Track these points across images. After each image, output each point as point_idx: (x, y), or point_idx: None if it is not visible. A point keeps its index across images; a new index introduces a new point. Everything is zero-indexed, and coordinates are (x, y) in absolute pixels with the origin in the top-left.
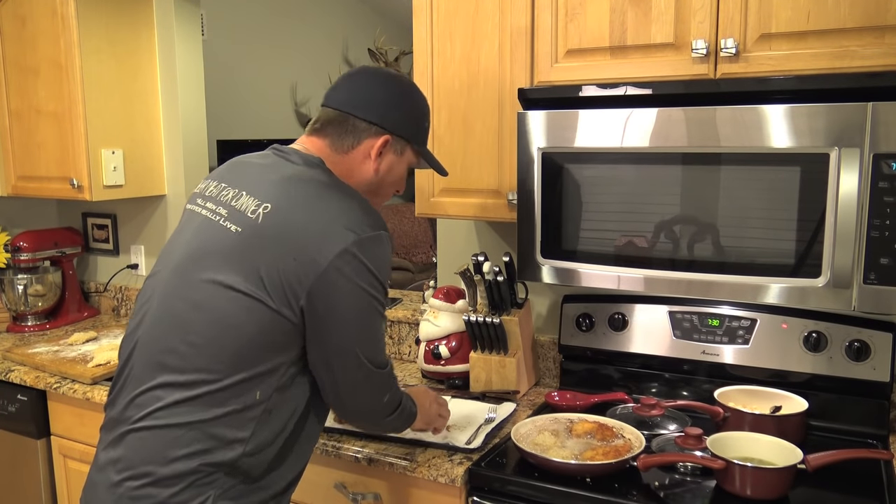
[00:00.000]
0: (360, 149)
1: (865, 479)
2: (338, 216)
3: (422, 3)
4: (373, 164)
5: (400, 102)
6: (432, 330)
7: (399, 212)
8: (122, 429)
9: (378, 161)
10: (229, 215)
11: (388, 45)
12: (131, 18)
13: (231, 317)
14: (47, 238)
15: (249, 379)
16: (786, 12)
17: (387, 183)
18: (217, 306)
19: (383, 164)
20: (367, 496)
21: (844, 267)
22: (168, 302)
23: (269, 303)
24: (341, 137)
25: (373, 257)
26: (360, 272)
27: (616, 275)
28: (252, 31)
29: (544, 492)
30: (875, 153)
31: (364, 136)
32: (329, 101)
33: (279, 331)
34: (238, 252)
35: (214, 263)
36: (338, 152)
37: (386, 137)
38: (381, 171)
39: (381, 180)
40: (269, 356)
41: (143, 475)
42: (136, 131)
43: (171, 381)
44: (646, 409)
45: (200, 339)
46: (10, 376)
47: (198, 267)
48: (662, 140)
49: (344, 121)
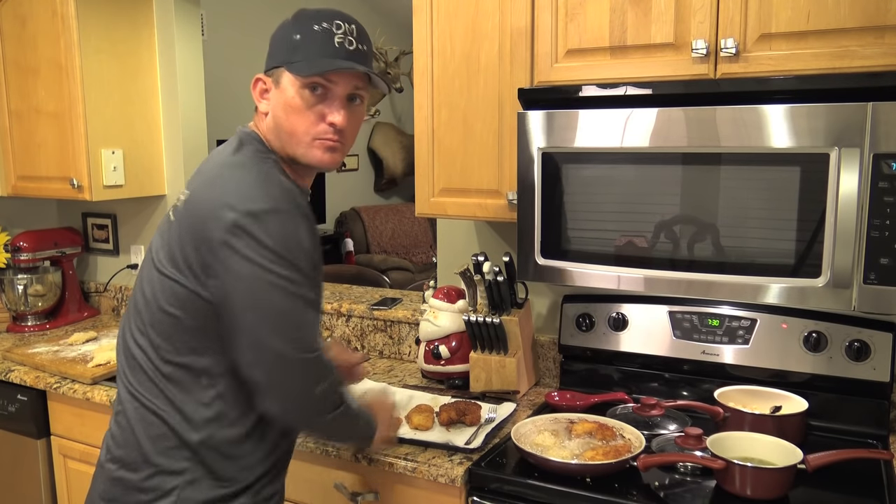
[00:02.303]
0: (257, 102)
1: (865, 479)
2: (230, 191)
3: (422, 3)
4: (262, 111)
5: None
6: (432, 330)
7: (399, 212)
8: (112, 415)
9: (260, 102)
10: (174, 208)
11: (388, 45)
12: (131, 18)
13: (164, 301)
14: (47, 238)
15: (196, 363)
16: (786, 12)
17: (284, 119)
18: (154, 292)
19: (272, 106)
20: (366, 496)
21: (844, 267)
22: (133, 295)
23: (186, 283)
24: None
25: (269, 231)
26: (252, 246)
27: (616, 275)
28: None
29: (544, 492)
30: (875, 153)
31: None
32: None
33: (203, 313)
34: (167, 239)
35: (157, 254)
36: (256, 113)
37: (256, 78)
38: (272, 110)
39: (277, 118)
40: (205, 340)
41: (118, 459)
42: (136, 131)
43: (135, 367)
44: (646, 409)
45: (150, 325)
46: (10, 376)
47: (149, 259)
48: (662, 140)
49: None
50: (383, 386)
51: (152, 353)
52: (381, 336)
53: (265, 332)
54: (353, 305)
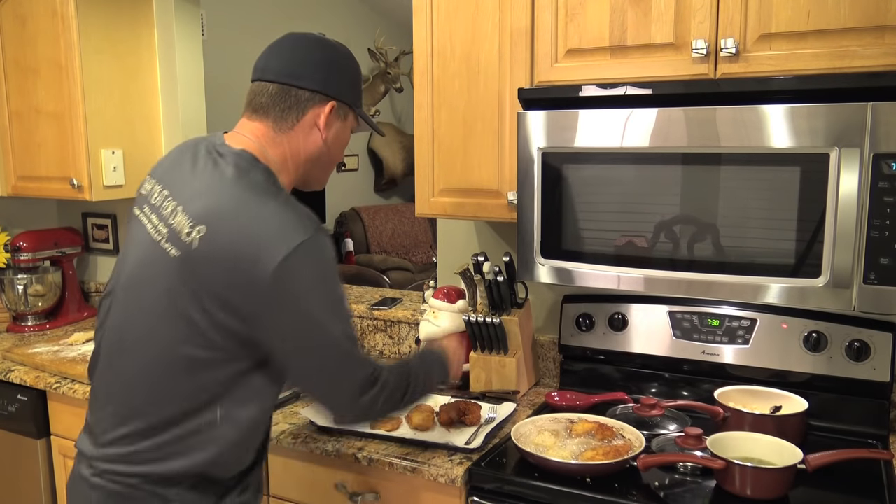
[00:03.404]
0: (305, 120)
1: (865, 479)
2: (271, 227)
3: (422, 3)
4: (321, 134)
5: (339, 66)
6: (432, 330)
7: (399, 212)
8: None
9: (326, 130)
10: (169, 236)
11: (388, 45)
12: (131, 18)
13: (164, 347)
14: (47, 238)
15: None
16: (786, 12)
17: (333, 152)
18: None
19: (331, 133)
20: (366, 496)
21: (844, 267)
22: (109, 335)
23: (222, 323)
24: (284, 114)
25: (319, 258)
26: (311, 277)
27: (616, 275)
28: (252, 31)
29: (544, 492)
30: (875, 153)
31: (308, 105)
32: (265, 75)
33: (209, 354)
34: (176, 278)
35: (155, 291)
36: (281, 131)
37: (332, 104)
38: (329, 140)
39: (329, 150)
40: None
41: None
42: (136, 131)
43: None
44: (646, 409)
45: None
46: (10, 376)
47: (139, 293)
48: (662, 140)
49: (286, 94)
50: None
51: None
52: (381, 336)
53: (333, 336)
54: (353, 305)
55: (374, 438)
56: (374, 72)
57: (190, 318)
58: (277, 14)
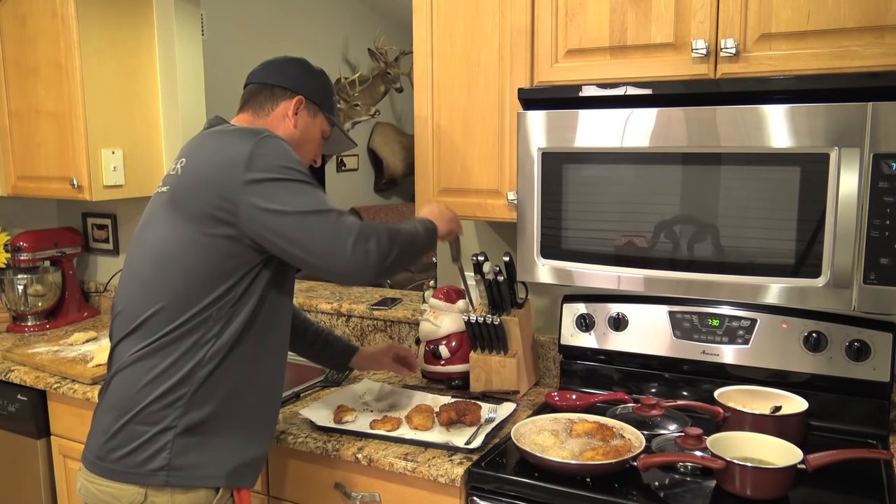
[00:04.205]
0: (278, 111)
1: (865, 479)
2: (233, 141)
3: (422, 3)
4: (290, 121)
5: (311, 74)
6: (432, 330)
7: (399, 212)
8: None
9: (295, 118)
10: (164, 181)
11: (388, 45)
12: (131, 18)
13: (172, 257)
14: (47, 238)
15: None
16: (786, 12)
17: (304, 143)
18: (156, 254)
19: (300, 122)
20: (366, 496)
21: (844, 267)
22: (126, 268)
23: (205, 233)
24: (261, 105)
25: (271, 148)
26: (267, 165)
27: (616, 275)
28: (252, 31)
29: (544, 492)
30: (875, 153)
31: (280, 99)
32: (250, 79)
33: (226, 255)
34: (169, 204)
35: (154, 222)
36: (259, 117)
37: (300, 98)
38: (298, 127)
39: (300, 139)
40: (213, 285)
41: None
42: (136, 131)
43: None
44: (646, 409)
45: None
46: (10, 376)
47: (143, 230)
48: (662, 140)
49: (263, 90)
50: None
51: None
52: (381, 336)
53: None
54: (353, 305)
55: (374, 438)
56: (374, 72)
57: (184, 235)
58: (277, 14)
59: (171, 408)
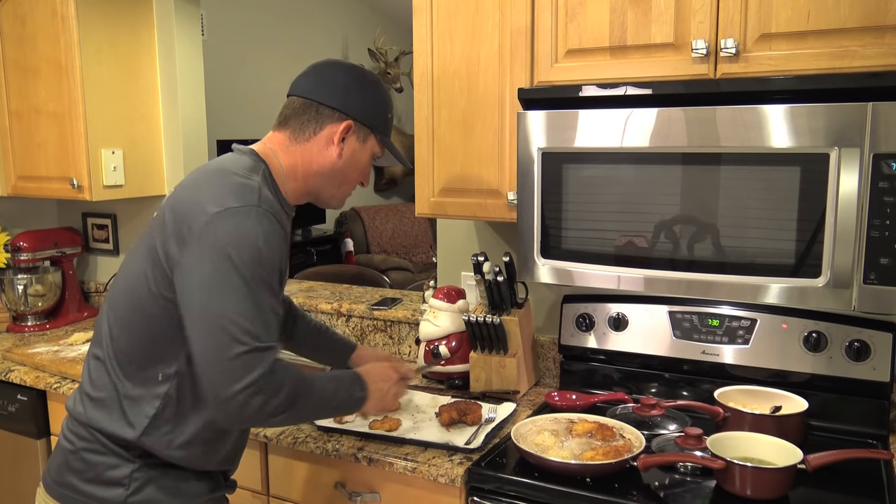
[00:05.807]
0: (322, 134)
1: (865, 479)
2: (209, 193)
3: (422, 3)
4: (335, 148)
5: (363, 90)
6: (432, 330)
7: (399, 212)
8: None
9: (340, 146)
10: (158, 209)
11: (388, 45)
12: (131, 18)
13: (138, 299)
14: (47, 238)
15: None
16: (786, 12)
17: (350, 171)
18: (128, 286)
19: (346, 150)
20: (366, 496)
21: (844, 267)
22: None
23: (152, 286)
24: (303, 126)
25: (232, 227)
26: (215, 241)
27: (616, 275)
28: (252, 31)
29: (544, 492)
30: (875, 153)
31: (326, 121)
32: (294, 90)
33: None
34: (147, 236)
35: (136, 251)
36: (297, 141)
37: (348, 122)
38: (343, 156)
39: (344, 167)
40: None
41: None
42: (136, 131)
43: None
44: (646, 409)
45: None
46: (10, 376)
47: (128, 259)
48: (662, 140)
49: (307, 108)
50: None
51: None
52: (381, 336)
53: (212, 313)
54: (353, 305)
55: (374, 438)
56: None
57: (148, 270)
58: (277, 14)
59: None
